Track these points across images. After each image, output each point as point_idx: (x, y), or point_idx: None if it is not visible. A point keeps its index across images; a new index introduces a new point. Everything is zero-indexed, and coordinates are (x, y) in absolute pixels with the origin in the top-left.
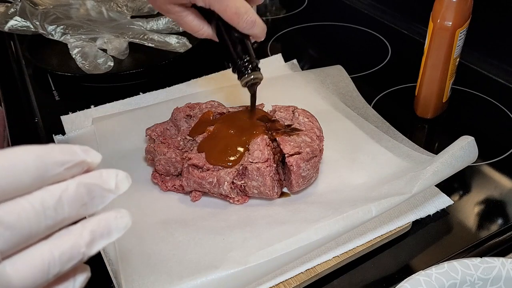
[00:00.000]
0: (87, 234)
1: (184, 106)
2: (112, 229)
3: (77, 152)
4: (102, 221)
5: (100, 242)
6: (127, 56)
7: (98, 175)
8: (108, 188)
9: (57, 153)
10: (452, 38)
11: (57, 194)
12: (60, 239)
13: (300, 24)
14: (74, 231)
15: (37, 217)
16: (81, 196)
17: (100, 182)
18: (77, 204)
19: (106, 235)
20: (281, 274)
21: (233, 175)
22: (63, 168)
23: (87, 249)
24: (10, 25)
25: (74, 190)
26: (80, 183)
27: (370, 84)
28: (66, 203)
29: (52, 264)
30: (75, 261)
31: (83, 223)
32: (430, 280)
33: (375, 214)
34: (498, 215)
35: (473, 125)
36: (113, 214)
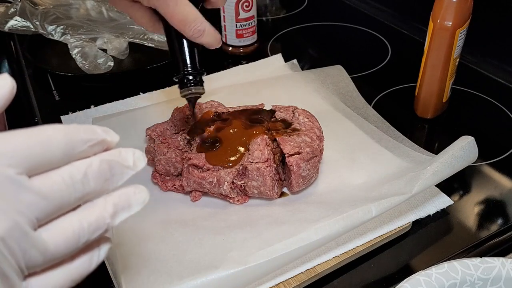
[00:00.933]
0: (110, 207)
1: (184, 106)
2: (132, 202)
3: (98, 132)
4: (122, 195)
5: (122, 214)
6: (127, 56)
7: (117, 153)
8: (127, 165)
9: (82, 132)
10: (452, 38)
11: (83, 169)
12: (87, 210)
13: (300, 24)
14: (99, 204)
15: (68, 189)
16: (104, 172)
17: (120, 159)
18: (100, 179)
19: (127, 208)
20: (281, 274)
21: (233, 175)
22: (87, 145)
23: (111, 220)
24: (10, 25)
25: (97, 166)
26: (102, 159)
27: (370, 84)
28: (91, 177)
29: (82, 233)
30: (101, 231)
31: (106, 197)
32: (430, 280)
33: (375, 214)
34: (498, 215)
35: (473, 125)
36: (132, 189)
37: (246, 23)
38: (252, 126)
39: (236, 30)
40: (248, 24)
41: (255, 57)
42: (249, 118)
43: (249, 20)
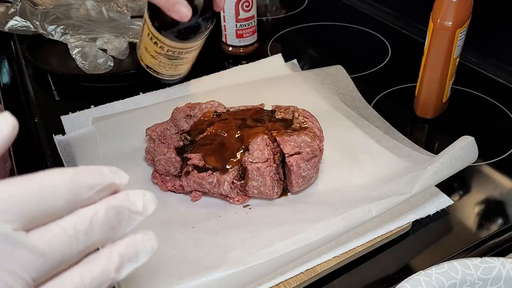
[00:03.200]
0: (116, 259)
1: (184, 106)
2: (140, 252)
3: (106, 174)
4: (129, 244)
5: (128, 266)
6: (127, 56)
7: (126, 197)
8: (136, 210)
9: (88, 176)
10: (452, 38)
11: (88, 219)
12: (90, 264)
13: (300, 24)
14: (103, 256)
15: (70, 243)
16: (110, 220)
17: (128, 204)
18: (106, 227)
19: (134, 259)
20: (281, 274)
21: (233, 175)
22: (93, 191)
23: (116, 274)
24: (10, 25)
25: (103, 214)
26: (109, 206)
27: (370, 84)
28: (97, 227)
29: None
30: (105, 286)
31: (111, 246)
32: (430, 280)
33: (375, 214)
34: (498, 215)
35: (473, 125)
36: (140, 237)
37: (246, 23)
38: (252, 126)
39: (236, 30)
40: (248, 24)
41: (255, 57)
42: (249, 118)
43: (249, 20)
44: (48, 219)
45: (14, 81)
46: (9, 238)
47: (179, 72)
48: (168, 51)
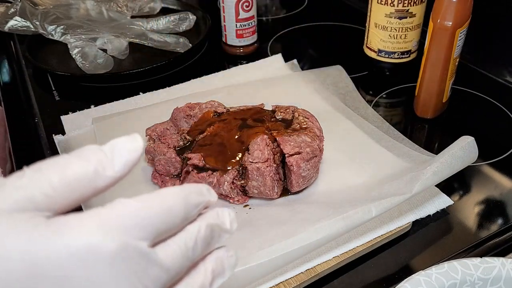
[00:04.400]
0: (210, 274)
1: (184, 106)
2: (226, 267)
3: (205, 193)
4: (218, 260)
5: (218, 281)
6: (127, 56)
7: (216, 215)
8: (225, 228)
9: (196, 195)
10: (452, 38)
11: (194, 236)
12: (192, 279)
13: (300, 24)
14: (201, 272)
15: (183, 258)
16: (208, 237)
17: (219, 222)
18: (205, 244)
19: (222, 274)
20: (281, 274)
21: (233, 175)
22: (197, 210)
23: (209, 287)
24: (10, 25)
25: (204, 231)
26: (208, 224)
27: (370, 84)
28: (199, 244)
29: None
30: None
31: (205, 263)
32: (430, 280)
33: (375, 214)
34: (498, 215)
35: (473, 125)
36: (225, 253)
37: (246, 23)
38: (252, 126)
39: (236, 30)
40: (248, 24)
41: (255, 57)
42: (249, 118)
43: (249, 20)
44: (167, 236)
45: (14, 81)
46: (144, 254)
47: None
48: None
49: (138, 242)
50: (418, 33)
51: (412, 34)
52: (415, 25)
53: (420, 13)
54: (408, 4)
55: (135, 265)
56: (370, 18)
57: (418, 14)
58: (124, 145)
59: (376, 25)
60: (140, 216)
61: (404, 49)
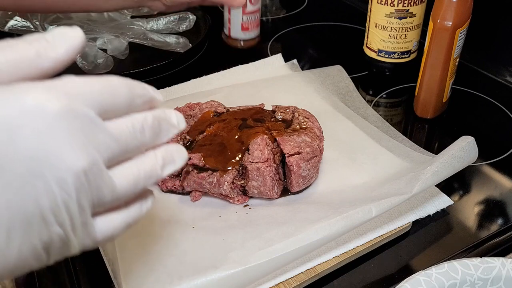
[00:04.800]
0: (160, 159)
1: (184, 106)
2: (176, 158)
3: (149, 89)
4: (168, 150)
5: (169, 167)
6: (127, 56)
7: (163, 112)
8: (173, 123)
9: (139, 86)
10: (452, 38)
11: (141, 121)
12: (142, 160)
13: (300, 24)
14: (150, 156)
15: (131, 136)
16: (155, 127)
17: (166, 117)
18: (152, 132)
19: (173, 162)
20: (281, 274)
21: (233, 175)
22: (141, 100)
23: (161, 171)
24: (10, 25)
25: (151, 120)
26: (154, 115)
27: (370, 84)
28: (147, 130)
29: (139, 179)
30: (153, 180)
31: (155, 150)
32: (430, 280)
33: (375, 214)
34: (498, 215)
35: (473, 125)
36: (174, 147)
37: (252, 16)
38: (252, 126)
39: (242, 23)
40: (254, 17)
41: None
42: (249, 118)
43: (255, 13)
44: (112, 115)
45: None
46: (93, 120)
47: None
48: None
49: (84, 107)
50: (418, 33)
51: (412, 34)
52: (415, 25)
53: (420, 13)
54: (408, 4)
55: (84, 126)
56: (370, 18)
57: (418, 14)
58: (65, 32)
59: (376, 25)
60: (85, 88)
61: (404, 49)
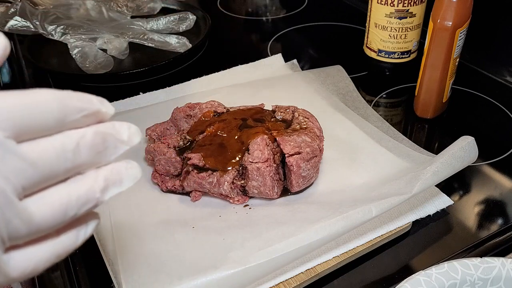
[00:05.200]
0: (102, 180)
1: (184, 106)
2: (124, 178)
3: (94, 101)
4: (114, 169)
5: (112, 189)
6: (127, 56)
7: (112, 126)
8: (121, 139)
9: (77, 99)
10: (452, 38)
11: (76, 139)
12: (77, 183)
13: (300, 24)
14: (89, 177)
15: (58, 158)
16: (97, 144)
17: (114, 132)
18: (93, 151)
19: (118, 183)
20: (281, 274)
21: (233, 175)
22: (80, 115)
23: (101, 194)
24: (10, 25)
25: (91, 137)
26: (96, 131)
27: (370, 84)
28: (83, 148)
29: (70, 206)
30: (90, 205)
31: (97, 170)
32: (430, 280)
33: (375, 214)
34: (498, 215)
35: (473, 125)
36: (124, 164)
37: None
38: (252, 126)
39: None
40: None
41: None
42: (249, 118)
43: None
44: (37, 134)
45: (14, 81)
46: (1, 143)
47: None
48: None
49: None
50: (418, 33)
51: (412, 34)
52: (415, 25)
53: (420, 13)
54: (408, 4)
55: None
56: (370, 18)
57: (418, 14)
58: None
59: (376, 25)
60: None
61: (404, 49)
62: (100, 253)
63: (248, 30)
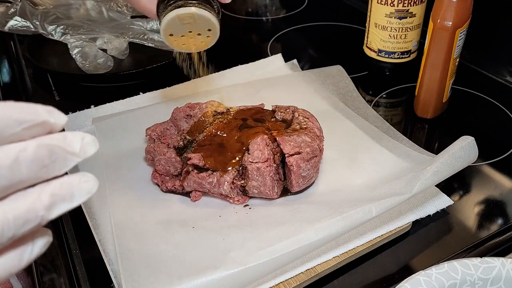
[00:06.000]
0: (47, 197)
1: (184, 106)
2: (75, 193)
3: (39, 112)
4: (64, 184)
5: (61, 206)
6: (127, 56)
7: (62, 138)
8: (72, 151)
9: (16, 111)
10: (452, 38)
11: (14, 154)
12: (15, 201)
13: (300, 24)
14: (31, 194)
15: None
16: (41, 158)
17: (63, 144)
18: (36, 165)
19: (68, 199)
20: (281, 274)
21: (233, 175)
22: (21, 127)
23: (46, 212)
24: (10, 25)
25: (33, 151)
26: (40, 144)
27: (370, 84)
28: (24, 164)
29: (6, 227)
30: (32, 224)
31: (43, 185)
32: (430, 280)
33: (375, 214)
34: (498, 215)
35: (473, 125)
36: (77, 178)
37: None
38: (252, 126)
39: None
40: None
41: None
42: (249, 118)
43: None
44: None
45: (14, 81)
46: None
47: None
48: None
49: None
50: (418, 33)
51: (412, 34)
52: (415, 25)
53: (420, 13)
54: (408, 4)
55: None
56: (370, 18)
57: (418, 14)
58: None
59: (376, 25)
60: None
61: (404, 49)
62: (100, 253)
63: (248, 30)
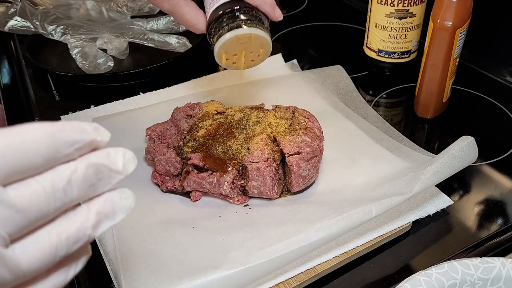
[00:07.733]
0: (93, 216)
1: (184, 106)
2: (117, 210)
3: (88, 131)
4: (107, 201)
5: (105, 224)
6: (127, 56)
7: (106, 155)
8: (116, 169)
9: (68, 132)
10: (452, 38)
11: (67, 176)
12: (67, 221)
13: (300, 24)
14: (80, 213)
15: (47, 199)
16: (90, 178)
17: (108, 163)
18: (85, 185)
19: (111, 216)
20: (281, 274)
21: (233, 175)
22: (73, 148)
23: (93, 230)
24: (10, 25)
25: (83, 172)
26: (89, 164)
27: (370, 84)
28: (75, 184)
29: (59, 247)
30: (81, 243)
31: (89, 204)
32: (430, 280)
33: (375, 214)
34: (498, 215)
35: (473, 125)
36: (117, 195)
37: None
38: (252, 126)
39: None
40: None
41: None
42: (249, 118)
43: None
44: (26, 175)
45: (14, 81)
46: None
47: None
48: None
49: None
50: (418, 33)
51: (412, 34)
52: (415, 25)
53: (420, 13)
54: (408, 4)
55: None
56: (370, 18)
57: (418, 14)
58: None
59: (376, 25)
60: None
61: (404, 49)
62: (100, 253)
63: None
